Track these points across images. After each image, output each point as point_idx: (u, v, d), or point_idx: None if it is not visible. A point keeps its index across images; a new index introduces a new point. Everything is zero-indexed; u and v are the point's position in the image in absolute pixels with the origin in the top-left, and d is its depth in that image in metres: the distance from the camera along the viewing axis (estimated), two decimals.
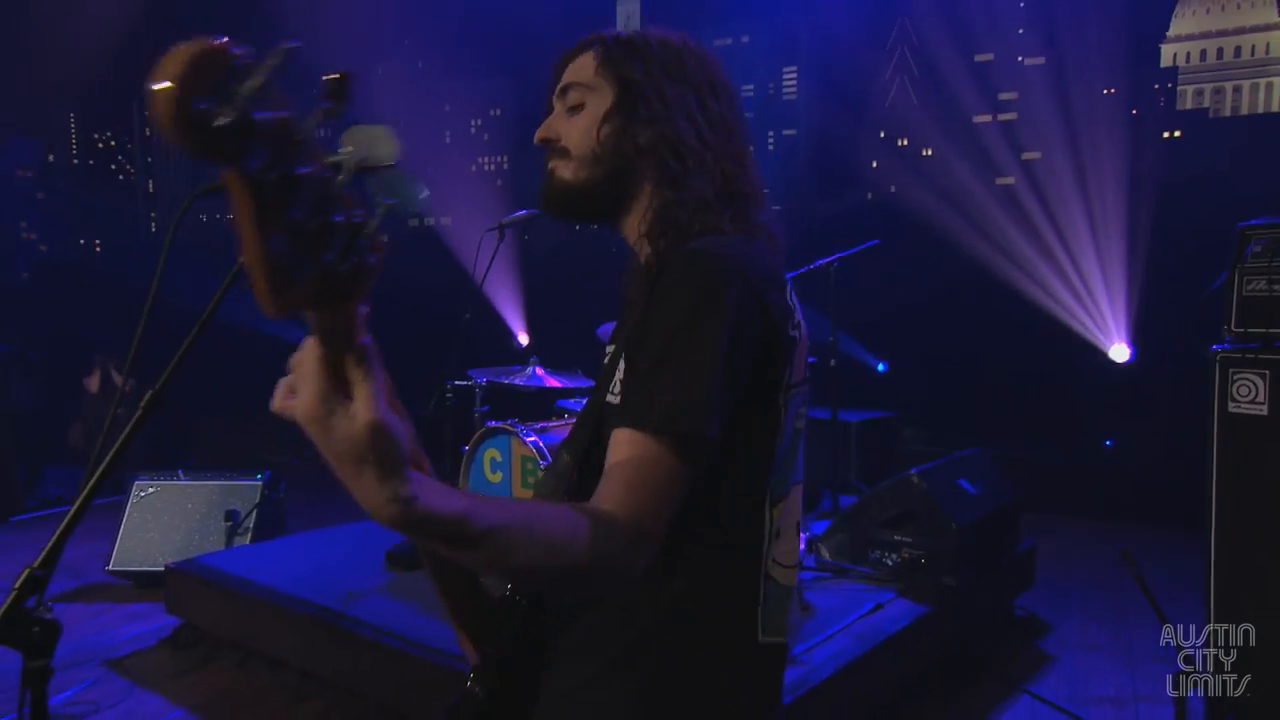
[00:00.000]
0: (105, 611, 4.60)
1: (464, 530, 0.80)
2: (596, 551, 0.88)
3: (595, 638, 1.13)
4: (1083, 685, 3.71)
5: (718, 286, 1.02)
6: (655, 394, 0.98)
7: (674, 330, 1.01)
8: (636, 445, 0.97)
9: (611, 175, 1.18)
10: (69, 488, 7.94)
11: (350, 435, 0.73)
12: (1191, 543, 5.78)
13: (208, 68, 0.61)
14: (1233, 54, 10.28)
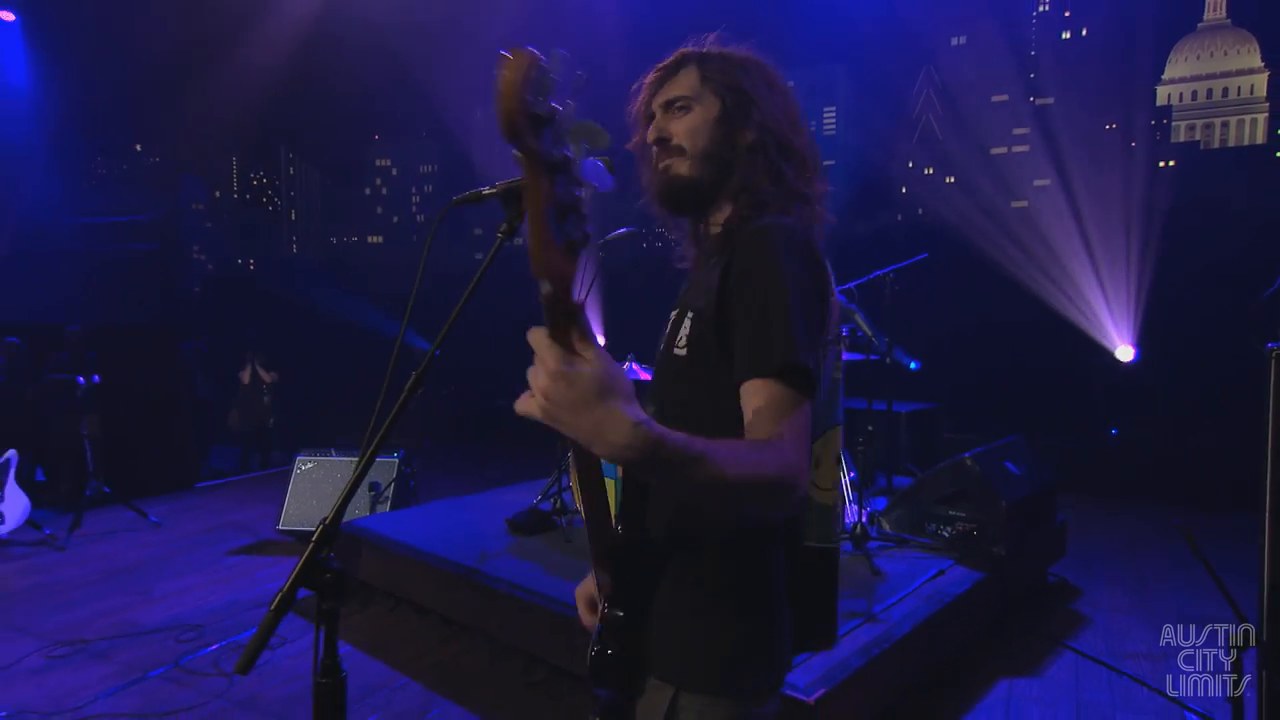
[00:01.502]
0: (278, 563, 4.69)
1: (688, 450, 0.83)
2: (779, 466, 0.91)
3: (684, 559, 1.14)
4: (1116, 642, 3.56)
5: (793, 253, 1.07)
6: (765, 346, 1.01)
7: (766, 294, 1.04)
8: (765, 389, 1.00)
9: (720, 169, 1.19)
10: (231, 463, 8.18)
11: (593, 375, 0.76)
12: (1191, 517, 5.61)
13: (534, 69, 0.71)
14: (1221, 94, 9.88)
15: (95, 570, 4.55)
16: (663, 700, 1.13)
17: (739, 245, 1.09)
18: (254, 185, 25.14)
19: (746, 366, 1.03)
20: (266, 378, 8.33)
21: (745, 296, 1.05)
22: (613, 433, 0.77)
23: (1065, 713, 2.93)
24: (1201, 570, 4.70)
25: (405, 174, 20.56)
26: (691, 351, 1.13)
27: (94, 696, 3.04)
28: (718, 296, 1.09)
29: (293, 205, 23.37)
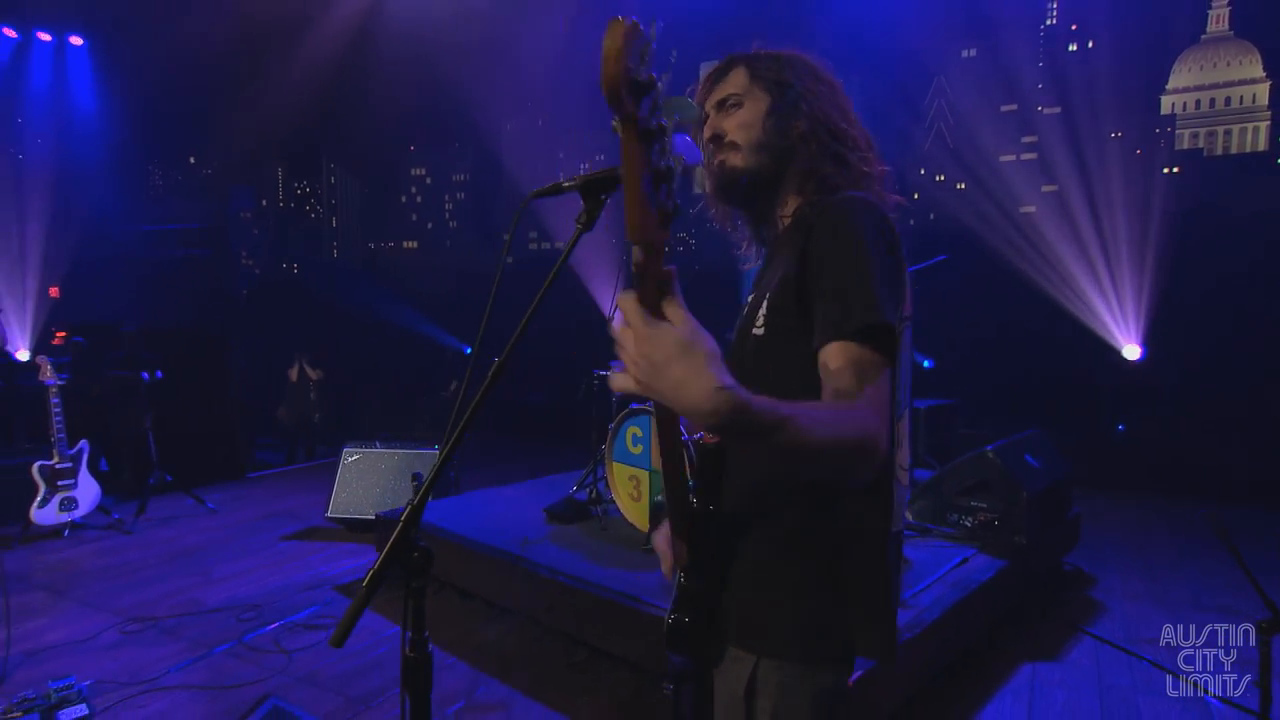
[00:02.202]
0: (327, 549, 4.71)
1: (773, 413, 0.79)
2: (860, 430, 0.88)
3: (765, 530, 1.12)
4: (1133, 628, 3.50)
5: (871, 222, 1.05)
6: (846, 308, 0.99)
7: (847, 258, 1.02)
8: (846, 351, 0.97)
9: (775, 159, 1.18)
10: (275, 455, 8.24)
11: (677, 335, 0.74)
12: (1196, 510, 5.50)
13: (636, 37, 0.69)
14: (1224, 103, 9.74)
15: (160, 553, 4.60)
16: (744, 670, 1.11)
17: (816, 220, 1.08)
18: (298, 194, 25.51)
19: (827, 331, 1.00)
20: (313, 375, 8.40)
21: (826, 265, 1.04)
22: (697, 393, 0.74)
23: (1088, 696, 2.88)
24: (1212, 559, 4.65)
25: (439, 182, 20.75)
26: (770, 329, 1.11)
27: (166, 670, 3.07)
28: (797, 271, 1.07)
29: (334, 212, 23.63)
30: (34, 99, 9.38)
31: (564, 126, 15.39)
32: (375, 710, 2.80)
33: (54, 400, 4.72)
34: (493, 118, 13.58)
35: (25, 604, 3.69)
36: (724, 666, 1.15)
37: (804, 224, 1.11)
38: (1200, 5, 9.54)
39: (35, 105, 9.43)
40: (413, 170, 20.89)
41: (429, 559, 1.14)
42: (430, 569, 1.15)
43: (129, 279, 9.46)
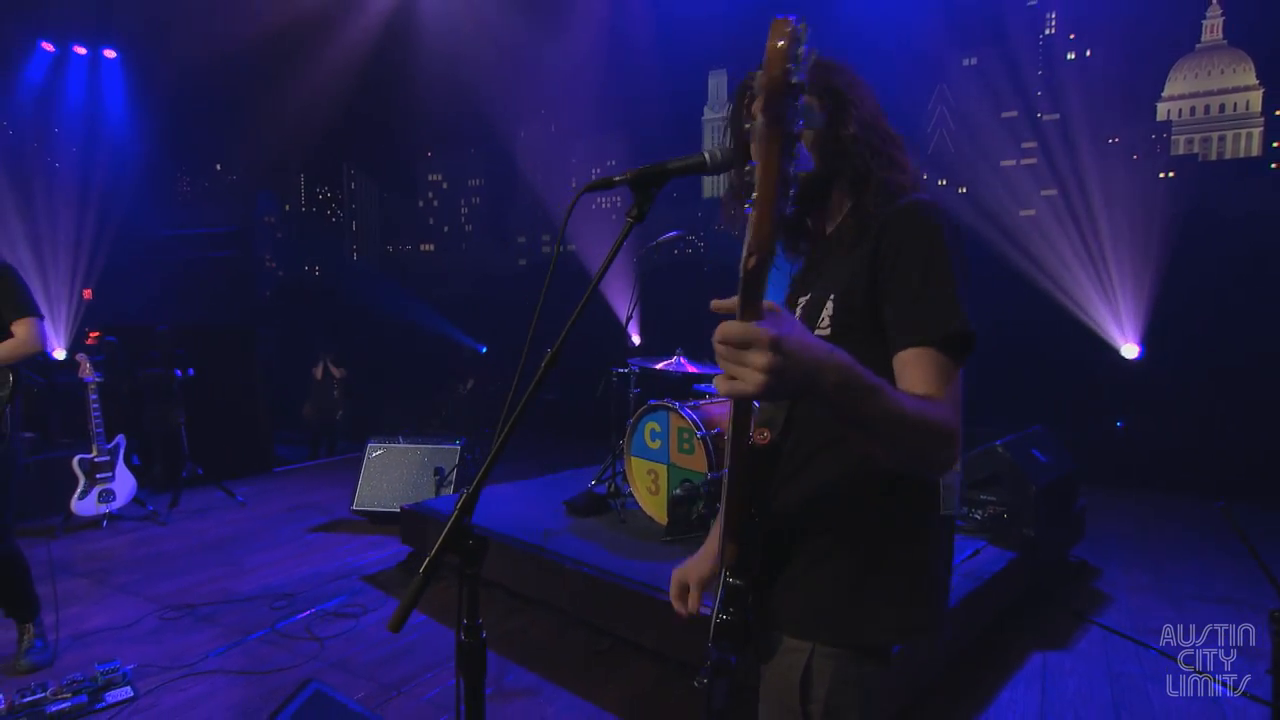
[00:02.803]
0: (353, 540, 4.71)
1: (868, 378, 0.81)
2: (941, 417, 0.89)
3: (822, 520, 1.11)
4: (1139, 619, 3.46)
5: (946, 227, 1.04)
6: (928, 313, 0.99)
7: (926, 262, 1.01)
8: (925, 356, 0.97)
9: (828, 163, 1.16)
10: (296, 451, 8.24)
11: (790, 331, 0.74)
12: (1194, 505, 5.47)
13: (797, 39, 0.67)
14: (1218, 110, 9.66)
15: (194, 543, 4.61)
16: (799, 659, 1.10)
17: (890, 223, 1.06)
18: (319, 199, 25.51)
19: (906, 336, 0.99)
20: (337, 373, 8.42)
21: (902, 270, 1.02)
22: (825, 369, 0.77)
23: (1099, 684, 2.85)
24: (1212, 553, 4.60)
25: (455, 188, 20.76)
26: (837, 328, 1.09)
27: (204, 655, 3.07)
28: (869, 274, 1.05)
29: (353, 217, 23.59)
30: (70, 110, 9.45)
31: (576, 133, 15.36)
32: (406, 696, 2.79)
33: (93, 396, 4.73)
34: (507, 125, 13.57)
35: (69, 591, 3.70)
36: (776, 659, 1.13)
37: (870, 225, 1.09)
38: (1195, 14, 9.44)
39: (71, 116, 9.50)
40: (430, 176, 20.90)
41: (484, 546, 1.13)
42: (484, 556, 1.14)
43: (159, 281, 9.50)
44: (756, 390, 0.75)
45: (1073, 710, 2.67)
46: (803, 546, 1.12)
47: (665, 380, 4.51)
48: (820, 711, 1.08)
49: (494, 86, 11.91)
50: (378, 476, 5.12)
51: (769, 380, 0.74)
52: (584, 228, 11.12)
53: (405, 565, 4.22)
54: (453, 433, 5.91)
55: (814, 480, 1.11)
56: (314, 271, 14.20)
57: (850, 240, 1.13)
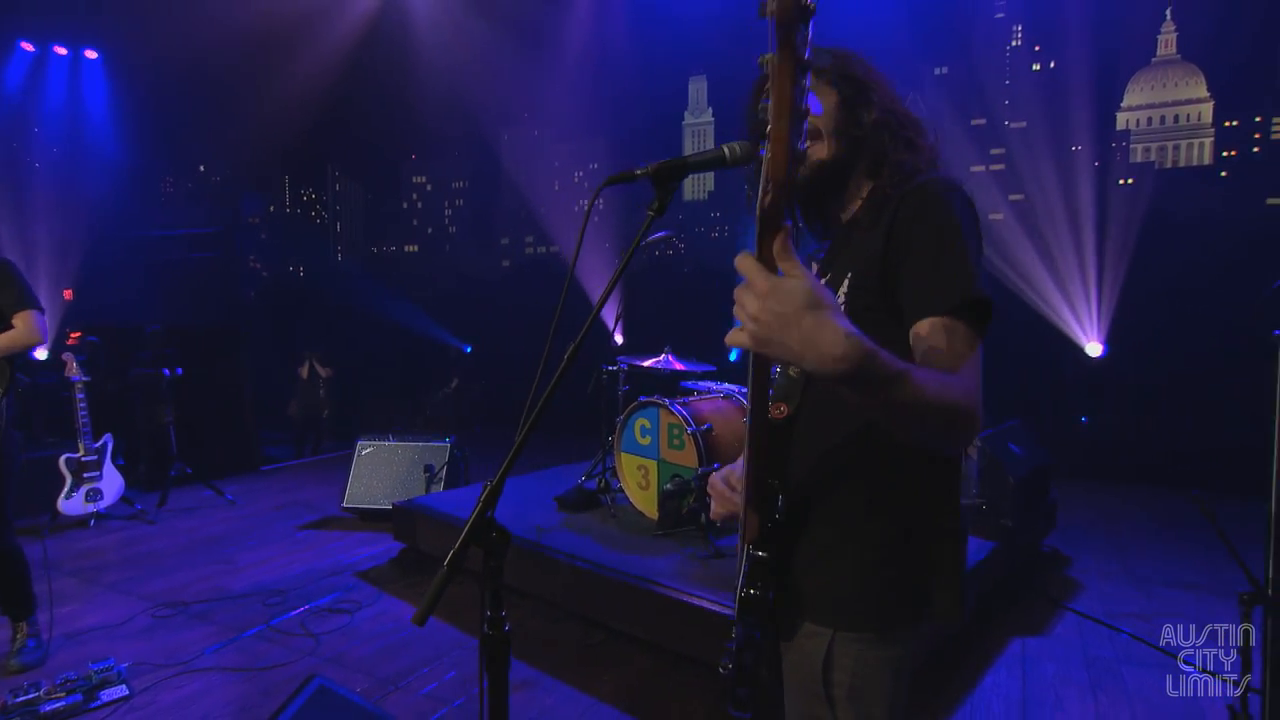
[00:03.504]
0: (344, 537, 4.63)
1: (893, 365, 0.77)
2: (964, 395, 0.87)
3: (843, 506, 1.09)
4: (1111, 604, 3.53)
5: (958, 201, 1.02)
6: (943, 283, 0.97)
7: (941, 235, 0.99)
8: (941, 326, 0.95)
9: (850, 148, 1.14)
10: (282, 450, 8.08)
11: (801, 286, 0.71)
12: (1153, 496, 5.59)
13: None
14: (1173, 120, 9.91)
15: (184, 542, 4.50)
16: (821, 644, 1.08)
17: (903, 201, 1.04)
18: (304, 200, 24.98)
19: (922, 306, 0.97)
20: (323, 373, 8.29)
21: (916, 243, 1.00)
22: (827, 342, 0.72)
23: (1076, 667, 2.89)
24: (1175, 540, 4.69)
25: (439, 189, 20.45)
26: (852, 307, 1.07)
27: (200, 652, 2.99)
28: (883, 250, 1.03)
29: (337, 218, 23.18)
30: (50, 110, 9.19)
31: (559, 136, 15.28)
32: (404, 690, 2.75)
33: (79, 395, 4.60)
34: (491, 128, 13.46)
35: (58, 590, 3.58)
36: (797, 641, 1.12)
37: (886, 204, 1.07)
38: (1151, 30, 9.67)
39: (51, 116, 9.24)
40: (414, 178, 20.61)
41: (506, 540, 1.10)
42: (508, 549, 1.11)
43: (141, 281, 9.29)
44: (749, 339, 0.74)
45: (1053, 692, 2.71)
46: (823, 524, 1.10)
47: (653, 378, 4.50)
48: (844, 695, 1.07)
49: (478, 89, 11.82)
50: (368, 474, 5.04)
51: (754, 335, 0.73)
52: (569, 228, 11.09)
53: (397, 561, 4.16)
54: (437, 431, 5.84)
55: (833, 458, 1.10)
56: (298, 272, 13.96)
57: (867, 221, 1.12)
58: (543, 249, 14.19)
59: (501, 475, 1.12)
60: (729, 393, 4.23)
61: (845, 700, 1.07)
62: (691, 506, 3.70)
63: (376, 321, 11.11)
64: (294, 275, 13.41)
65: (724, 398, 4.15)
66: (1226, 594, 3.60)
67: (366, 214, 21.20)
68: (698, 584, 2.98)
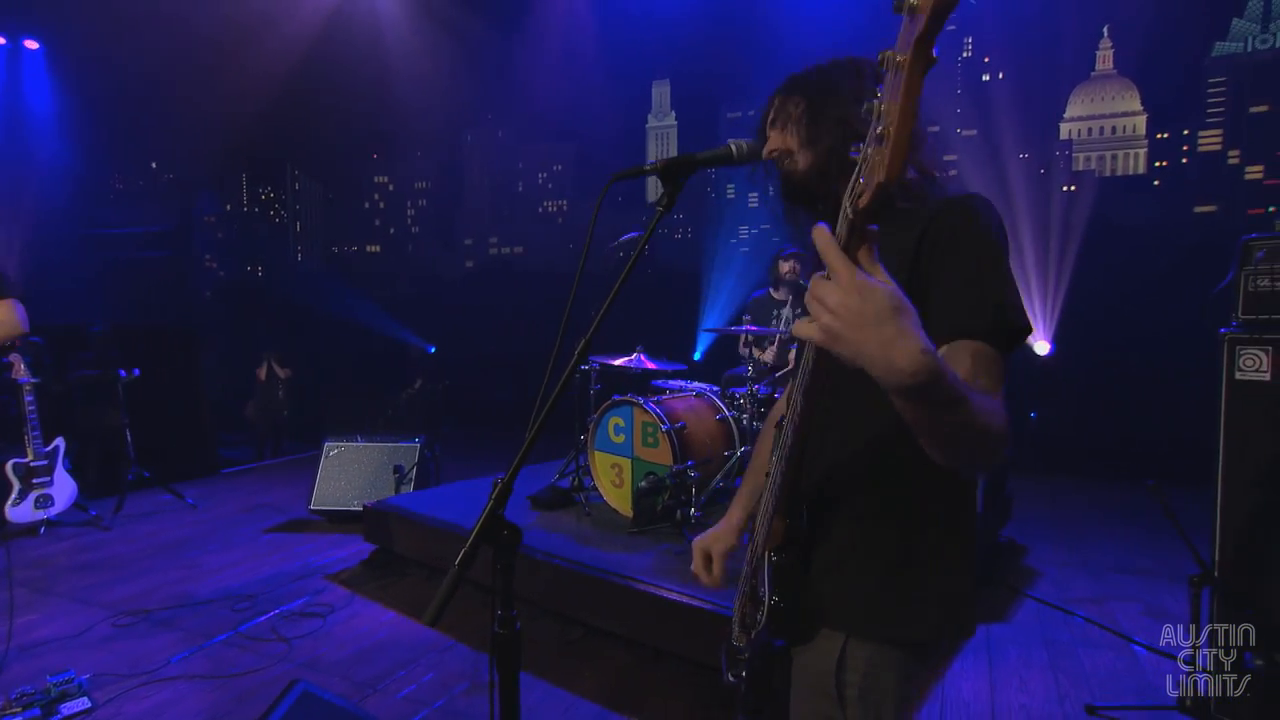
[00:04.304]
0: (313, 540, 4.50)
1: (958, 388, 0.75)
2: (1004, 421, 0.85)
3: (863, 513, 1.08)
4: (1065, 590, 3.65)
5: (995, 223, 1.01)
6: (979, 306, 0.95)
7: (979, 255, 0.97)
8: (973, 348, 0.93)
9: (824, 153, 1.11)
10: (240, 453, 7.81)
11: (889, 291, 0.69)
12: (1098, 488, 5.81)
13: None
14: (1110, 131, 10.38)
15: (144, 547, 4.31)
16: (834, 648, 1.07)
17: (942, 212, 1.01)
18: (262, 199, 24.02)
19: (955, 326, 0.95)
20: (282, 374, 8.04)
21: (954, 257, 0.98)
22: (903, 354, 0.68)
23: (1037, 651, 2.98)
24: (1121, 530, 4.86)
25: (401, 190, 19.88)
26: None
27: (165, 660, 2.86)
28: (913, 258, 1.01)
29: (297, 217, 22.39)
30: None
31: (523, 138, 15.12)
32: (382, 694, 2.68)
33: (28, 398, 4.37)
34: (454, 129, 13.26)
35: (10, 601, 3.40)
36: (815, 645, 1.11)
37: (917, 212, 1.04)
38: (1090, 45, 10.08)
39: None
40: (376, 178, 20.10)
41: (518, 536, 1.08)
42: (519, 545, 1.09)
43: (89, 280, 8.88)
44: (821, 330, 0.70)
45: (1017, 675, 2.78)
46: (842, 529, 1.09)
47: (625, 376, 4.49)
48: (855, 695, 1.06)
49: (440, 90, 11.63)
50: (335, 475, 4.91)
51: (828, 330, 0.69)
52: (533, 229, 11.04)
53: (369, 563, 4.05)
54: (400, 432, 5.73)
55: (852, 463, 1.09)
56: (257, 272, 13.53)
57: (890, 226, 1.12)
58: (506, 250, 14.06)
59: (512, 473, 1.10)
60: (701, 391, 4.25)
61: (856, 701, 1.06)
62: (666, 504, 3.70)
63: (338, 322, 10.85)
64: (252, 275, 13.00)
65: (696, 396, 4.16)
66: (1171, 577, 3.77)
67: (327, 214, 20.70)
68: (675, 580, 2.98)
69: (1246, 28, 10.92)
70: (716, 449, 3.96)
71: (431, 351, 10.43)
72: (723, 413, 4.09)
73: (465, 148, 15.39)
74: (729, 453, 4.00)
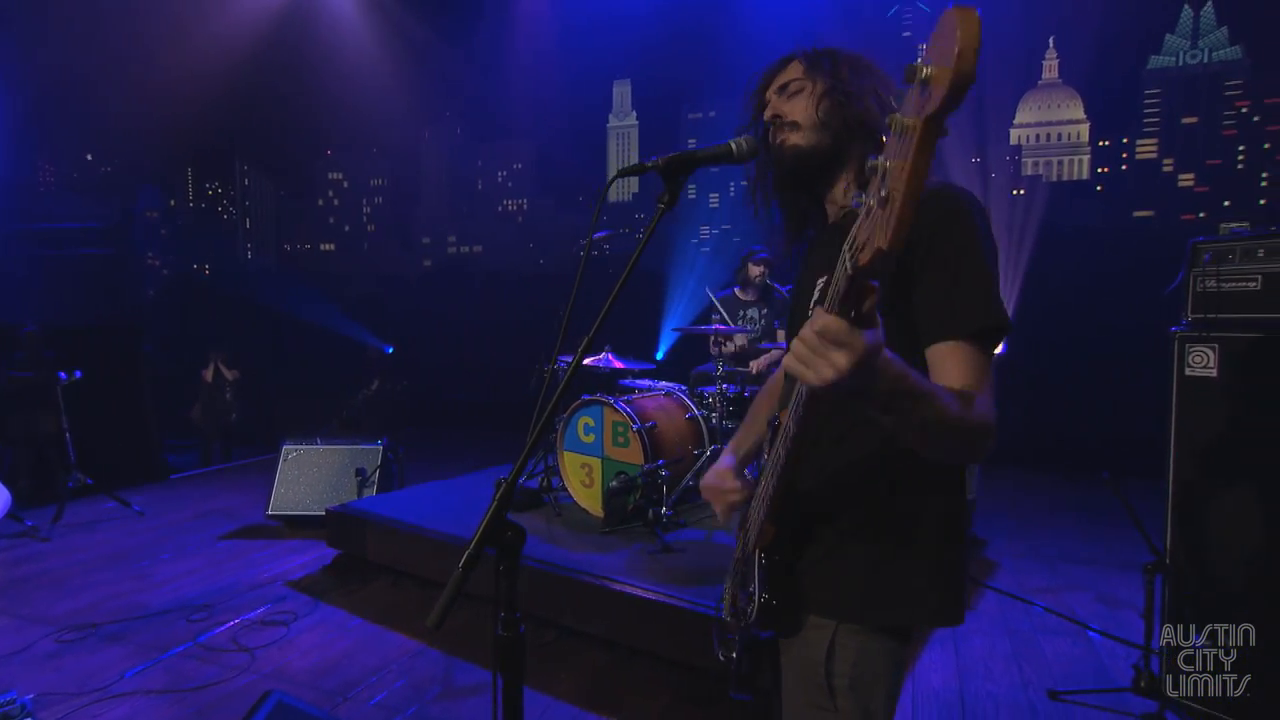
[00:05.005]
0: (270, 546, 4.35)
1: (922, 385, 0.82)
2: (983, 415, 0.89)
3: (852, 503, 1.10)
4: (1023, 580, 3.78)
5: (982, 221, 1.02)
6: (966, 307, 0.97)
7: (961, 252, 0.99)
8: (961, 349, 0.96)
9: (835, 138, 1.14)
10: (185, 458, 7.51)
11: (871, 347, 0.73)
12: (1050, 482, 6.03)
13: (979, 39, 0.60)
14: (1056, 138, 10.84)
15: (88, 558, 4.10)
16: (824, 635, 1.09)
17: (924, 209, 1.02)
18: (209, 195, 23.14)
19: (943, 327, 0.97)
20: (230, 375, 7.76)
21: (936, 256, 0.99)
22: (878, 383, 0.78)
23: (1000, 640, 3.08)
24: (1071, 522, 5.05)
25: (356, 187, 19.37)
26: None
27: (118, 676, 2.73)
28: (901, 259, 1.00)
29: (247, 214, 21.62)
30: None
31: (482, 136, 14.93)
32: (353, 702, 2.61)
33: None
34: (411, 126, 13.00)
35: None
36: (804, 635, 1.12)
37: None
38: (1038, 55, 10.51)
39: None
40: (330, 174, 19.54)
41: (521, 537, 1.06)
42: (521, 549, 1.07)
43: (21, 279, 8.43)
44: (822, 383, 0.74)
45: (982, 664, 2.87)
46: (830, 525, 1.11)
47: (594, 376, 4.47)
48: (846, 685, 1.08)
49: (397, 86, 11.39)
50: (295, 479, 4.76)
51: (838, 380, 0.73)
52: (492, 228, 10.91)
53: (332, 569, 3.94)
54: (356, 434, 5.59)
55: (840, 463, 1.11)
56: (204, 270, 13.03)
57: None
58: (466, 249, 13.85)
59: (515, 474, 1.09)
60: (669, 390, 4.26)
61: (847, 690, 1.08)
62: (637, 503, 3.70)
63: (290, 322, 10.54)
64: (199, 273, 12.52)
65: (665, 395, 4.17)
66: (1120, 566, 3.94)
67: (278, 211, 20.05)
68: (651, 579, 2.98)
69: (1178, 43, 11.51)
70: (687, 448, 3.98)
71: (389, 352, 10.22)
72: (692, 411, 4.11)
73: (423, 145, 15.12)
74: (699, 451, 4.02)
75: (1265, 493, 2.25)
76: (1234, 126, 9.73)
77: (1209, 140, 10.16)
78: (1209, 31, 11.18)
